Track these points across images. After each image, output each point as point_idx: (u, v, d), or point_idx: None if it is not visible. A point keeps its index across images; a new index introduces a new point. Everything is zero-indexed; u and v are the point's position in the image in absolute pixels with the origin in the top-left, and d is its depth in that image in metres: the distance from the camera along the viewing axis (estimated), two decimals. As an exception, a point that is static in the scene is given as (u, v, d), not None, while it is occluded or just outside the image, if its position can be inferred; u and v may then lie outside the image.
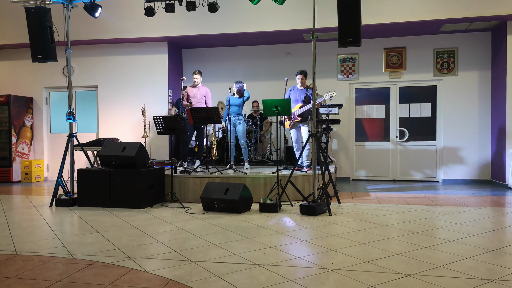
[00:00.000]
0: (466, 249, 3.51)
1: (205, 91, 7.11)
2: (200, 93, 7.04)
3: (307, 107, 6.32)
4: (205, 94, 7.08)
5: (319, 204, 5.08)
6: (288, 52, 9.04)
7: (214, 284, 2.76)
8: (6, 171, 8.85)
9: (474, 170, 8.25)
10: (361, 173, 8.85)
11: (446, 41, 8.35)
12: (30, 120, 9.34)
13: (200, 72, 7.15)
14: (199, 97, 7.02)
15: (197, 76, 7.07)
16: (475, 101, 8.24)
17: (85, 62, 9.13)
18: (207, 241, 3.87)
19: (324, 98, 6.22)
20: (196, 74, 7.10)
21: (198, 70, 7.17)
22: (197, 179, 6.13)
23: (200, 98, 7.02)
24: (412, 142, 8.60)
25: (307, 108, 6.32)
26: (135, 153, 5.65)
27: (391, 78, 8.62)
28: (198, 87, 7.08)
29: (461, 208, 5.43)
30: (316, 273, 2.95)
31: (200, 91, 7.06)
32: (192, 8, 6.55)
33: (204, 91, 7.09)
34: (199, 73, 7.11)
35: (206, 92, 7.11)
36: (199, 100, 7.01)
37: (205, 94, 7.08)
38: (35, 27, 5.71)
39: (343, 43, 5.07)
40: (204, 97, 7.06)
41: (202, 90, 7.09)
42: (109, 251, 3.55)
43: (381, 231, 4.19)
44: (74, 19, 7.72)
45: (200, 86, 7.10)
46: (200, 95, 7.03)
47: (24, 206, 5.90)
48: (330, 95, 6.17)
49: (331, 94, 6.17)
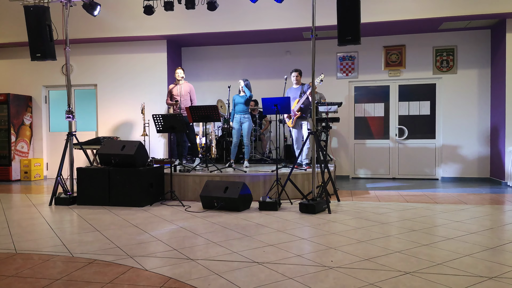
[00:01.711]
0: (465, 247, 3.52)
1: (189, 87, 7.03)
2: (184, 90, 6.96)
3: (304, 98, 6.28)
4: (189, 91, 7.00)
5: (319, 202, 5.09)
6: (287, 51, 9.03)
7: (214, 282, 2.76)
8: (5, 170, 8.85)
9: (473, 168, 8.26)
10: (360, 171, 8.85)
11: (446, 39, 8.35)
12: (29, 119, 9.33)
13: (183, 69, 7.08)
14: (184, 94, 6.94)
15: (180, 71, 6.97)
16: (474, 99, 8.25)
17: (84, 60, 9.12)
18: (206, 239, 3.87)
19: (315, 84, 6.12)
20: (179, 69, 6.99)
21: (181, 67, 7.08)
22: (197, 178, 6.13)
23: (185, 95, 6.95)
24: (412, 140, 8.61)
25: (304, 99, 6.28)
26: (134, 152, 5.64)
27: (391, 76, 8.61)
28: (181, 85, 6.98)
29: (460, 206, 5.44)
30: (316, 271, 2.96)
31: (184, 88, 6.98)
32: (191, 6, 6.54)
33: (188, 88, 7.01)
34: (182, 69, 7.03)
35: (190, 88, 7.02)
36: (184, 97, 6.93)
37: (189, 90, 7.00)
38: (34, 26, 5.70)
39: (342, 41, 5.07)
40: (188, 93, 6.99)
41: (186, 86, 7.01)
42: (109, 250, 3.56)
43: (381, 229, 4.19)
44: (73, 18, 7.73)
45: (184, 83, 7.01)
46: (185, 92, 6.96)
47: (24, 204, 5.90)
48: (319, 79, 6.09)
49: (320, 77, 6.09)
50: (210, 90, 9.22)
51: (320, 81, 6.08)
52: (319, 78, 6.10)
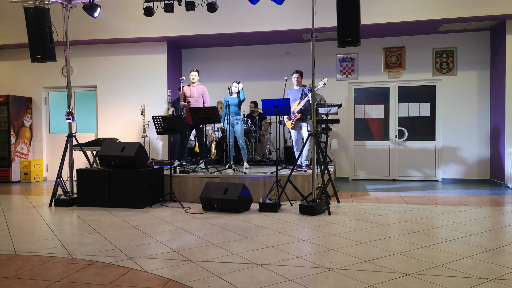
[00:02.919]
0: (465, 248, 3.51)
1: (202, 89, 7.07)
2: (197, 91, 7.00)
3: (305, 101, 6.30)
4: (202, 93, 7.03)
5: (319, 204, 5.09)
6: (287, 52, 9.04)
7: (214, 283, 2.76)
8: (5, 171, 8.85)
9: (473, 169, 8.26)
10: (360, 173, 8.85)
11: (445, 41, 8.36)
12: (29, 120, 9.33)
13: (198, 71, 7.13)
14: (197, 96, 6.98)
15: (194, 73, 7.02)
16: (474, 100, 8.25)
17: (84, 62, 9.12)
18: (206, 240, 3.87)
19: (318, 87, 6.14)
20: (194, 71, 7.05)
21: (196, 69, 7.15)
22: (197, 179, 6.13)
23: (197, 97, 6.98)
24: (411, 142, 8.61)
25: (305, 101, 6.30)
26: (134, 153, 5.64)
27: (390, 77, 8.62)
28: (195, 86, 7.03)
29: (460, 208, 5.44)
30: (316, 272, 2.96)
31: (197, 90, 7.02)
32: (191, 8, 6.54)
33: (201, 90, 7.04)
34: (197, 71, 7.09)
35: (203, 90, 7.07)
36: (196, 99, 6.97)
37: (202, 92, 7.04)
38: (34, 27, 5.71)
39: (342, 42, 5.07)
40: (201, 95, 7.02)
41: (199, 88, 7.05)
42: (109, 251, 3.55)
43: (381, 231, 4.19)
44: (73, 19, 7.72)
45: (197, 85, 7.06)
46: (198, 94, 6.99)
47: (23, 206, 5.90)
48: (322, 82, 6.11)
49: (324, 81, 6.12)
50: (210, 91, 9.11)
51: (323, 84, 6.10)
52: (322, 82, 6.11)
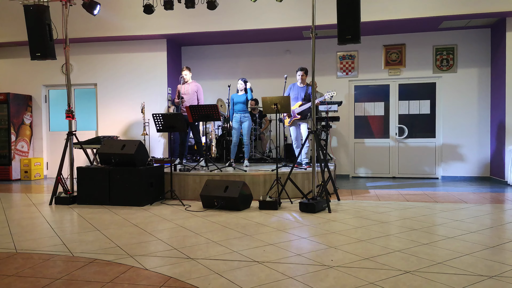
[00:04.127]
0: (465, 246, 3.52)
1: (196, 87, 7.04)
2: (191, 89, 6.98)
3: (307, 106, 6.29)
4: (196, 90, 7.01)
5: (319, 201, 5.09)
6: (287, 50, 9.03)
7: (214, 281, 2.76)
8: (5, 169, 8.85)
9: (474, 167, 8.27)
10: (360, 170, 8.85)
11: (446, 38, 8.34)
12: (29, 118, 9.33)
13: (189, 68, 7.08)
14: (191, 93, 6.96)
15: (185, 72, 7.00)
16: (474, 98, 8.24)
17: (84, 60, 9.11)
18: (206, 238, 3.87)
19: (325, 97, 6.18)
20: (184, 70, 7.02)
21: (187, 67, 7.11)
22: (197, 177, 6.13)
23: (192, 95, 6.96)
24: (412, 139, 8.61)
25: (307, 106, 6.30)
26: (134, 151, 5.64)
27: (391, 75, 8.61)
28: (189, 84, 7.01)
29: (460, 205, 5.44)
30: (316, 270, 2.96)
31: (191, 87, 7.00)
32: (191, 6, 6.53)
33: (195, 87, 7.02)
34: (188, 69, 7.04)
35: (197, 88, 7.04)
36: (191, 96, 6.95)
37: (197, 90, 7.02)
38: (34, 25, 5.69)
39: (342, 40, 5.06)
40: (195, 93, 7.00)
41: (193, 86, 7.03)
42: (109, 249, 3.56)
43: (381, 228, 4.19)
44: (73, 17, 7.72)
45: (191, 82, 7.03)
46: (192, 91, 6.97)
47: (24, 204, 5.90)
48: (330, 94, 6.11)
49: (332, 94, 6.12)
50: (210, 89, 9.21)
51: (330, 97, 6.09)
52: (329, 94, 6.09)
